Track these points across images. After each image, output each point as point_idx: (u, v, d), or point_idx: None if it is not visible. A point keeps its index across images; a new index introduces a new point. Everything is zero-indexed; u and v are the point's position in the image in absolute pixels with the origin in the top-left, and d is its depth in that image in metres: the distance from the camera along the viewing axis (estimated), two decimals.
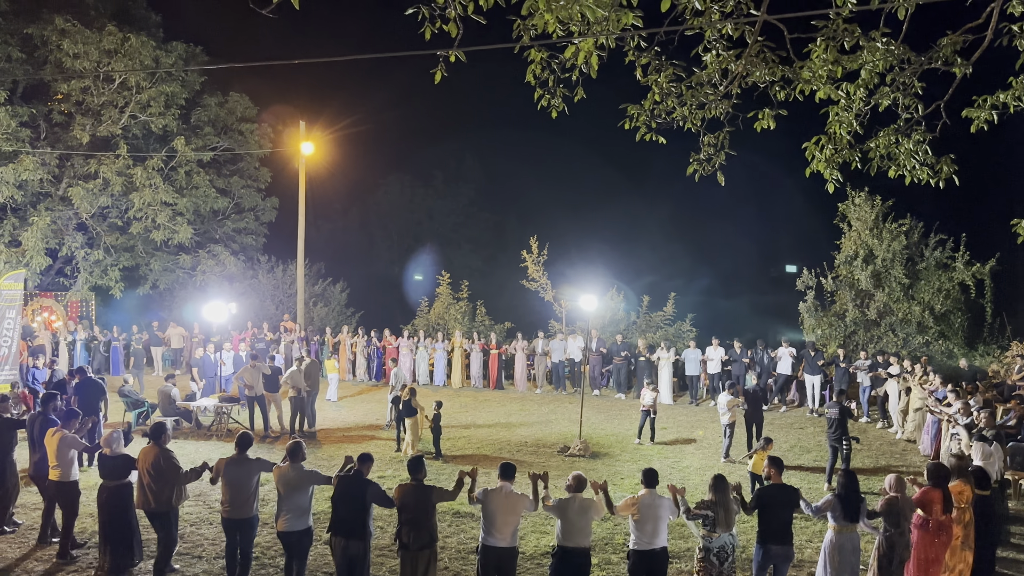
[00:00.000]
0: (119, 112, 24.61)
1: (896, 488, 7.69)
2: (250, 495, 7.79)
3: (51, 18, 23.19)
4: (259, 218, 30.21)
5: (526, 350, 21.62)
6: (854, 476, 7.65)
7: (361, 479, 7.38)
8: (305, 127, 25.65)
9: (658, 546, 7.07)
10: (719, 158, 7.76)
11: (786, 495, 7.56)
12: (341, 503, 7.32)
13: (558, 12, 6.23)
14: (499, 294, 30.75)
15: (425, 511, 7.17)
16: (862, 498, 7.55)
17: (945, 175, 7.43)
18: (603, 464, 13.50)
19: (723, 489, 7.35)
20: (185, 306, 26.16)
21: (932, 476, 7.81)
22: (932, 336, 20.01)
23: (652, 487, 7.21)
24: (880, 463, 13.89)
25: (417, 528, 7.11)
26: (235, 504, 7.74)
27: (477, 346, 21.88)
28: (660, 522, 7.09)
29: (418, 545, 7.08)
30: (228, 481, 7.76)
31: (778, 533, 7.39)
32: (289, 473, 7.57)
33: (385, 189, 44.70)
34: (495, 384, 21.70)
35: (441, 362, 22.09)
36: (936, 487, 7.71)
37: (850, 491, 7.49)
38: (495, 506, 7.05)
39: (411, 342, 22.13)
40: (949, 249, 20.45)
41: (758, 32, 6.87)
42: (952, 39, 6.95)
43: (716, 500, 7.30)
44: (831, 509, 7.49)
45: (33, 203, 24.47)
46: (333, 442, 14.79)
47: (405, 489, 7.24)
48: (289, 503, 7.53)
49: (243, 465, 7.83)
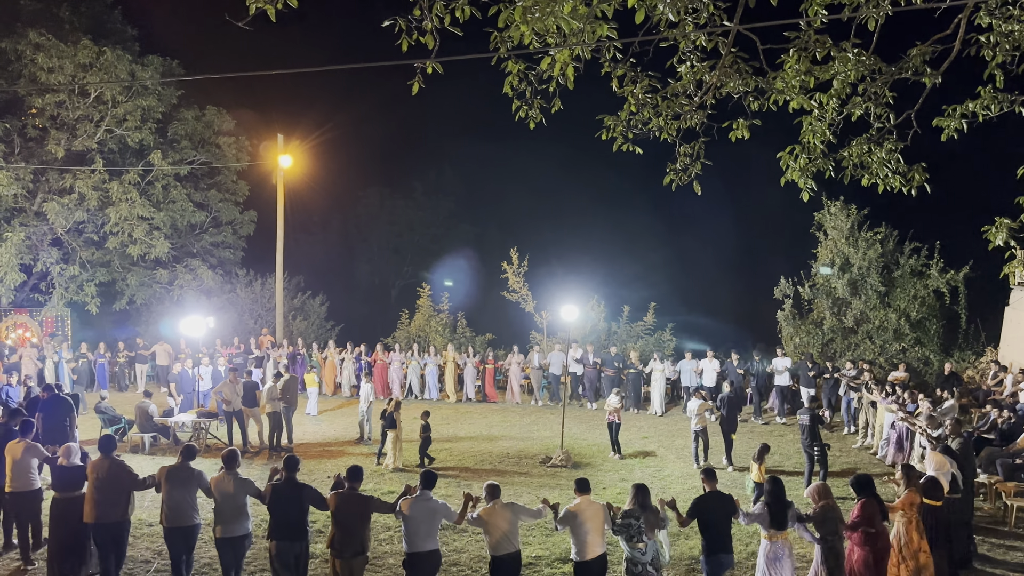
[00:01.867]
0: (95, 126, 24.40)
1: (822, 497, 7.67)
2: (191, 505, 7.94)
3: (25, 32, 22.97)
4: (237, 232, 29.99)
5: (521, 363, 21.58)
6: (780, 483, 7.61)
7: (294, 483, 7.57)
8: (283, 140, 25.57)
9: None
10: (695, 168, 7.84)
11: (724, 504, 7.54)
12: (280, 509, 7.50)
13: (534, 24, 6.28)
14: (480, 306, 30.73)
15: (359, 519, 7.31)
16: (790, 503, 7.55)
17: (917, 183, 7.55)
18: (585, 474, 13.42)
19: (645, 497, 7.33)
20: (162, 321, 25.87)
21: (863, 488, 7.71)
22: (908, 343, 20.23)
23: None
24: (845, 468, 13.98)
25: (350, 535, 7.24)
26: (176, 513, 7.86)
27: (472, 361, 21.77)
28: (584, 529, 7.21)
29: (351, 552, 7.22)
30: (169, 491, 7.87)
31: (720, 542, 7.41)
32: (224, 480, 7.71)
33: (364, 201, 44.63)
34: (493, 396, 21.61)
35: (433, 375, 21.97)
36: (872, 496, 7.65)
37: (776, 499, 7.48)
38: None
39: (403, 356, 22.02)
40: (924, 257, 20.71)
41: (731, 43, 6.96)
42: (921, 49, 7.09)
43: (642, 504, 7.27)
44: (760, 518, 7.48)
45: (7, 218, 24.13)
46: (312, 456, 14.67)
47: (341, 497, 7.37)
48: (225, 510, 7.68)
49: (185, 475, 7.95)
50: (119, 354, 22.48)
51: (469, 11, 6.44)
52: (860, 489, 7.76)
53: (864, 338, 20.68)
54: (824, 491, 7.72)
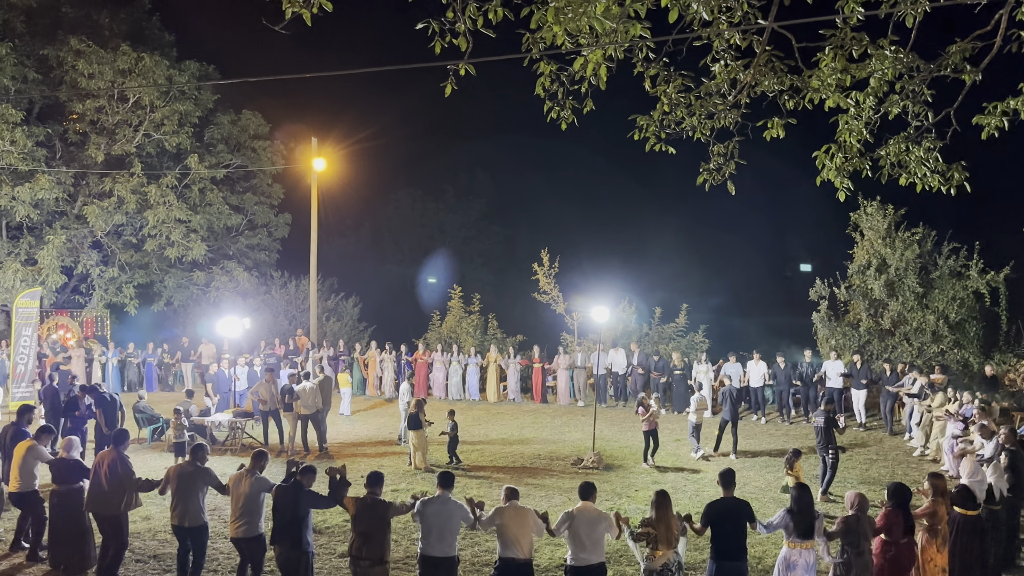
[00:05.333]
0: (133, 131, 24.91)
1: (857, 507, 7.36)
2: (199, 505, 8.09)
3: (66, 39, 23.56)
4: (272, 234, 30.42)
5: (567, 365, 21.58)
6: (808, 490, 7.38)
7: (297, 488, 7.57)
8: (317, 143, 25.84)
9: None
10: (729, 167, 7.77)
11: (737, 509, 7.31)
12: (277, 513, 7.59)
13: (567, 25, 6.29)
14: (511, 307, 30.78)
15: (380, 526, 7.20)
16: (817, 514, 7.29)
17: (956, 182, 7.40)
18: (617, 476, 13.45)
19: (665, 505, 7.12)
20: (200, 322, 26.31)
21: (892, 496, 7.50)
22: (947, 345, 19.84)
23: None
24: (896, 476, 13.76)
25: (369, 542, 7.13)
26: (184, 513, 8.02)
27: (516, 362, 21.79)
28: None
29: (369, 560, 7.09)
30: (177, 490, 8.03)
31: (731, 549, 7.15)
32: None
33: (396, 204, 44.91)
34: (540, 398, 21.62)
35: (474, 376, 22.02)
36: (898, 507, 7.44)
37: (803, 506, 7.22)
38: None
39: (445, 357, 22.14)
40: (963, 257, 20.30)
41: (766, 42, 6.90)
42: (961, 46, 6.95)
43: (657, 517, 7.07)
44: (784, 525, 7.24)
45: (49, 222, 24.74)
46: (346, 457, 14.80)
47: (361, 502, 7.26)
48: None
49: (193, 473, 8.10)
50: (166, 355, 22.89)
51: (502, 12, 6.47)
52: (889, 496, 7.60)
53: (901, 340, 20.34)
54: (862, 503, 7.41)
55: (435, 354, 22.30)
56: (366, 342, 25.24)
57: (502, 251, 44.47)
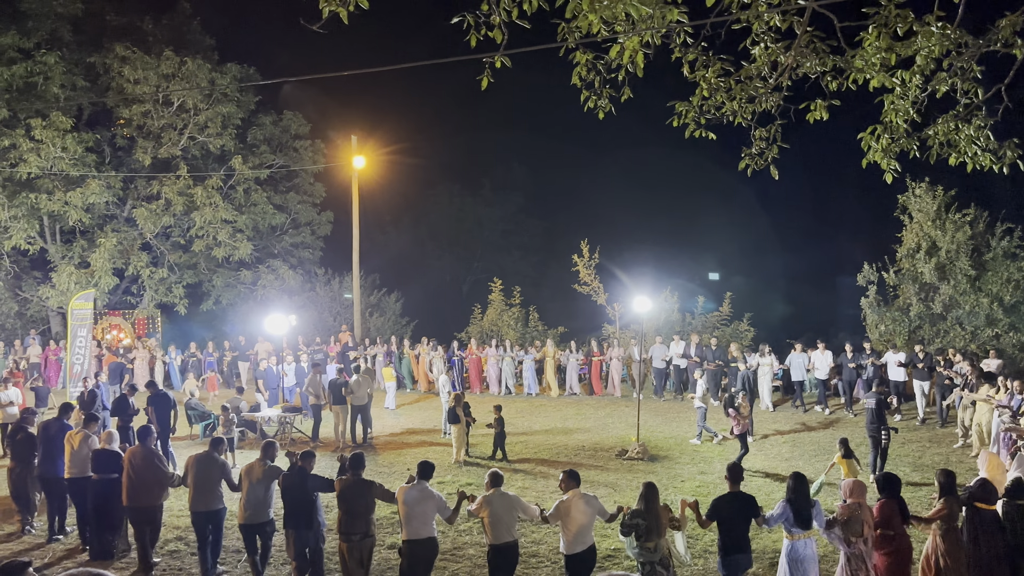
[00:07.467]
0: (178, 134, 25.44)
1: (854, 495, 7.28)
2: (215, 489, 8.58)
3: (112, 47, 24.16)
4: (315, 232, 30.85)
5: (622, 357, 21.48)
6: (803, 479, 7.31)
7: (302, 472, 8.07)
8: (356, 141, 26.08)
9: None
10: (772, 152, 7.63)
11: (744, 504, 7.32)
12: (286, 498, 8.08)
13: (602, 12, 6.23)
14: (550, 299, 30.74)
15: (363, 504, 7.66)
16: (814, 502, 7.24)
17: (1009, 160, 7.15)
18: (662, 467, 13.38)
19: (653, 498, 7.18)
20: (249, 320, 26.81)
21: (878, 486, 7.38)
22: (1002, 328, 19.28)
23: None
24: (949, 463, 13.43)
25: (354, 518, 7.63)
26: (200, 497, 8.52)
27: (577, 357, 21.71)
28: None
29: (358, 535, 7.63)
30: (195, 477, 8.55)
31: (739, 542, 7.18)
32: (256, 468, 8.44)
33: (434, 199, 45.15)
34: (600, 390, 21.52)
35: (530, 370, 21.88)
36: (891, 498, 7.32)
37: (799, 495, 7.17)
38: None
39: (499, 352, 22.13)
40: (1017, 238, 19.69)
41: (807, 22, 6.76)
42: (1011, 19, 6.71)
43: (646, 509, 7.12)
44: (783, 517, 7.20)
45: (100, 225, 25.44)
46: (391, 449, 14.97)
47: (345, 483, 7.76)
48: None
49: (209, 463, 8.64)
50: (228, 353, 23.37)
51: (536, 3, 6.44)
52: (880, 488, 7.50)
53: (954, 324, 19.83)
54: (858, 489, 7.36)
55: (488, 349, 22.31)
56: (409, 336, 25.43)
57: (541, 243, 44.39)
